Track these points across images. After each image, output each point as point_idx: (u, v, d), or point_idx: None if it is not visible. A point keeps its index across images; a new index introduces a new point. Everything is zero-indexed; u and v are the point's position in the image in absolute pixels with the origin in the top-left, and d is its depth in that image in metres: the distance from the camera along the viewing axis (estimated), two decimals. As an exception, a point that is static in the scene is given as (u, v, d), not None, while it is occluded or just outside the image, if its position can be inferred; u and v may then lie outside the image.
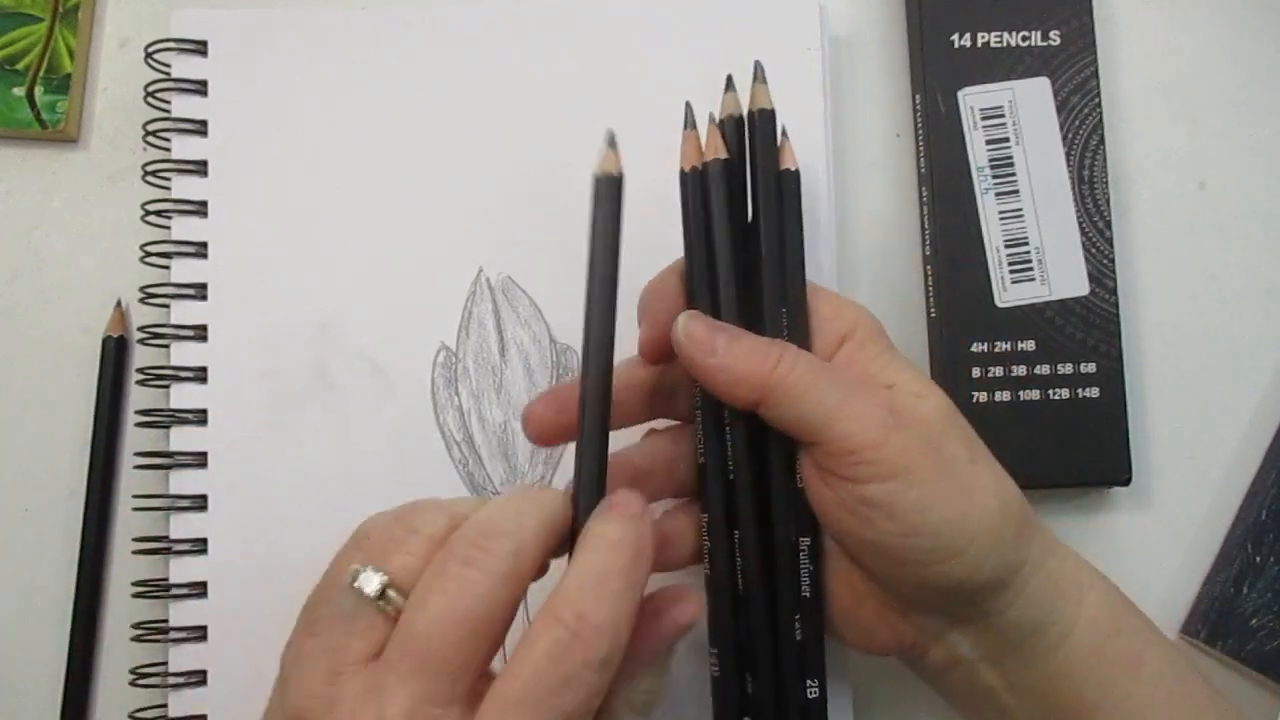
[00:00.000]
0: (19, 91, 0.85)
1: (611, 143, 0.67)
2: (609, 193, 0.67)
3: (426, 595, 0.56)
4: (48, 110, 0.85)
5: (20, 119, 0.85)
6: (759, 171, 0.70)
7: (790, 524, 0.68)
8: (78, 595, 0.81)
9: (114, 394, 0.83)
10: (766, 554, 0.68)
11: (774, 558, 0.68)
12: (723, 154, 0.69)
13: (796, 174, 0.70)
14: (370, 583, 0.58)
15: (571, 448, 0.72)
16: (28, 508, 0.83)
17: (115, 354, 0.83)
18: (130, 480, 0.83)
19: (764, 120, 0.70)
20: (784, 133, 0.69)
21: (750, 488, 0.68)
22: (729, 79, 0.72)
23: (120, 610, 0.82)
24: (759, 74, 0.71)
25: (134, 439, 0.83)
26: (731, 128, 0.71)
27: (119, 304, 0.84)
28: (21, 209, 0.86)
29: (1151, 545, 0.84)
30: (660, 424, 0.73)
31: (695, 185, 0.70)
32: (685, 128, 0.71)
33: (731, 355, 0.64)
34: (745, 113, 0.71)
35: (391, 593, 0.58)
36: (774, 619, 0.68)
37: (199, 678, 0.79)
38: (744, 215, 0.70)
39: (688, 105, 0.72)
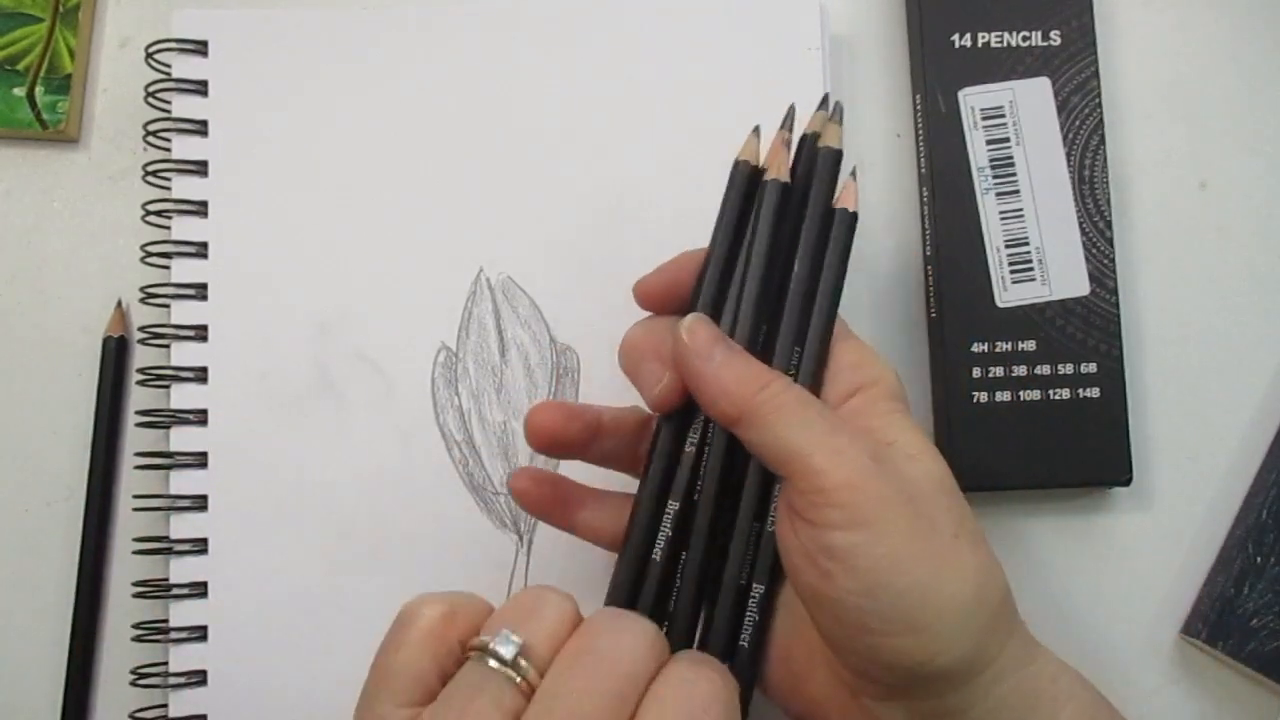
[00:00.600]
0: (19, 92, 0.85)
1: (756, 131, 0.67)
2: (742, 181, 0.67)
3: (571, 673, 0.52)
4: (48, 110, 0.85)
5: (21, 119, 0.85)
6: (812, 203, 0.67)
7: (746, 564, 0.65)
8: (78, 595, 0.81)
9: (114, 394, 0.83)
10: (708, 589, 0.65)
11: (717, 595, 0.65)
12: (784, 176, 0.67)
13: (854, 216, 0.67)
14: (506, 647, 0.52)
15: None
16: (28, 508, 0.83)
17: (115, 354, 0.83)
18: (130, 480, 0.83)
19: (828, 157, 0.67)
20: (854, 173, 0.67)
21: (710, 516, 0.65)
22: (825, 99, 0.71)
23: (120, 610, 0.81)
24: (837, 113, 0.69)
25: (134, 439, 0.83)
26: (802, 146, 0.69)
27: (119, 304, 0.84)
28: (22, 209, 0.86)
29: (1152, 545, 0.84)
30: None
31: (742, 183, 0.68)
32: (782, 128, 0.69)
33: (725, 367, 0.61)
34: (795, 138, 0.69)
35: (524, 662, 0.52)
36: None
37: (199, 678, 0.79)
38: (785, 239, 0.67)
39: (791, 107, 0.70)
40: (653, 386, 0.65)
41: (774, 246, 0.66)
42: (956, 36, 0.83)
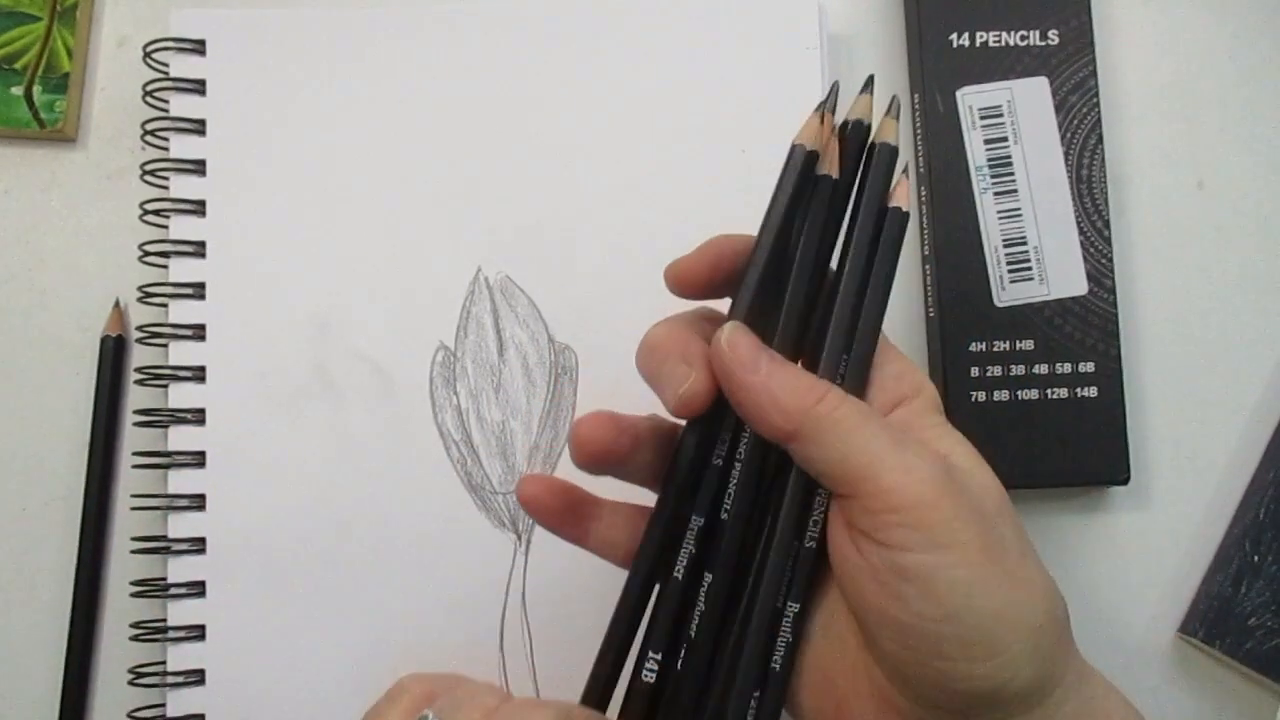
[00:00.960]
0: (17, 91, 0.85)
1: (819, 111, 0.61)
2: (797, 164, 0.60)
3: None
4: (46, 109, 0.85)
5: (18, 118, 0.85)
6: (866, 201, 0.61)
7: (784, 585, 0.59)
8: (76, 594, 0.81)
9: (112, 394, 0.83)
10: (738, 611, 0.60)
11: (749, 618, 0.59)
12: (834, 171, 0.61)
13: (906, 215, 0.61)
14: None
15: (567, 451, 0.71)
16: (26, 507, 0.83)
17: (114, 354, 0.83)
18: (129, 480, 0.83)
19: (885, 154, 0.61)
20: (906, 170, 0.62)
21: (740, 533, 0.60)
22: (870, 79, 0.65)
23: (119, 609, 0.82)
24: (894, 108, 0.63)
25: (132, 438, 0.83)
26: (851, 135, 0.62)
27: (117, 303, 0.84)
28: (20, 208, 0.86)
29: (1150, 544, 0.84)
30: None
31: (799, 172, 0.60)
32: (822, 108, 0.61)
33: (775, 377, 0.56)
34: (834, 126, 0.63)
35: None
36: (726, 688, 0.59)
37: (197, 677, 0.79)
38: (832, 238, 0.61)
39: (835, 84, 0.63)
40: (677, 388, 0.59)
41: (823, 247, 0.61)
42: (955, 36, 0.83)
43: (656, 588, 0.61)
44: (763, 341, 0.58)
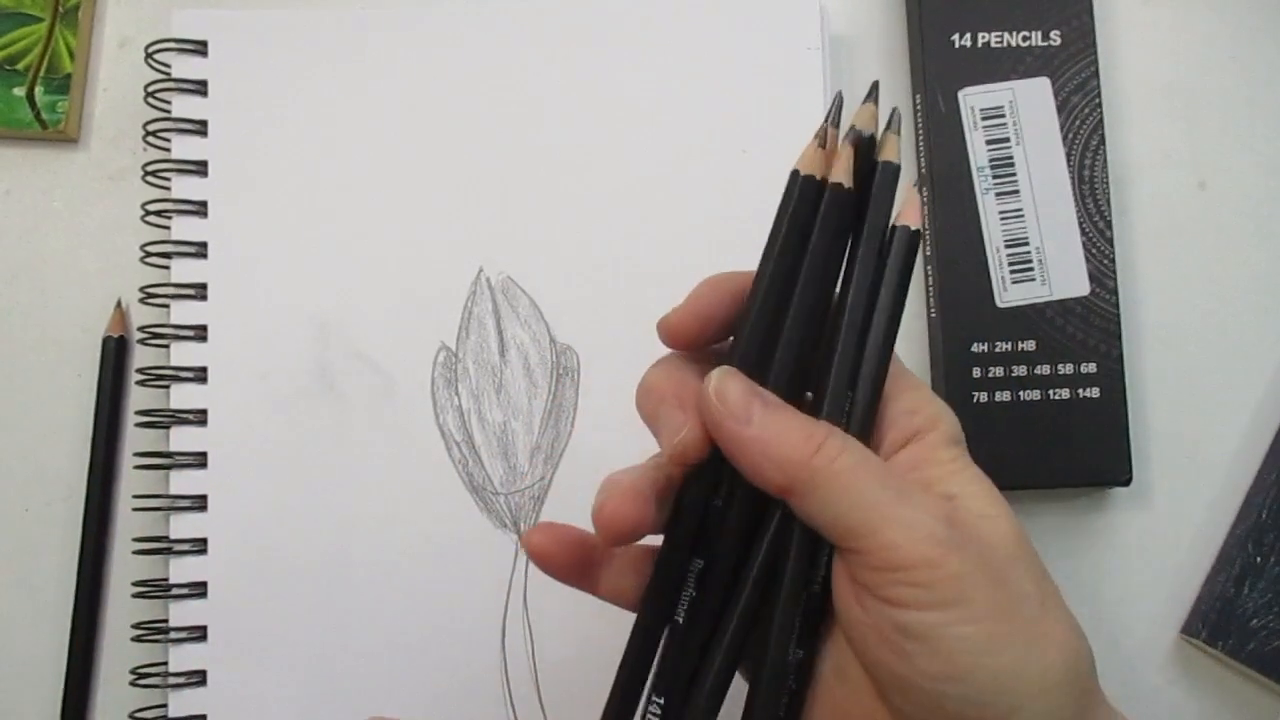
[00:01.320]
0: (19, 91, 0.85)
1: (819, 138, 0.56)
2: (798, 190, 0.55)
3: None
4: (48, 110, 0.85)
5: (20, 119, 0.85)
6: (869, 222, 0.56)
7: (794, 634, 0.55)
8: (78, 595, 0.81)
9: (114, 394, 0.83)
10: (742, 651, 0.56)
11: (758, 664, 0.56)
12: (847, 181, 0.55)
13: (917, 234, 0.56)
14: None
15: (569, 449, 0.72)
16: (28, 507, 0.83)
17: (115, 354, 0.83)
18: (130, 480, 0.83)
19: (887, 172, 0.56)
20: (919, 185, 0.60)
21: (739, 571, 0.56)
22: (874, 86, 0.58)
23: (120, 610, 0.81)
24: (895, 123, 0.57)
25: (134, 439, 0.83)
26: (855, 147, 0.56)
27: (119, 304, 0.84)
28: (21, 209, 0.86)
29: (1152, 545, 0.84)
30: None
31: (806, 195, 0.55)
32: (826, 122, 0.56)
33: (768, 428, 0.53)
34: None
35: None
36: None
37: (199, 678, 0.79)
38: (839, 264, 0.57)
39: (838, 95, 0.58)
40: (673, 437, 0.55)
41: (829, 272, 0.56)
42: (956, 36, 0.83)
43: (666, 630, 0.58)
44: (764, 380, 0.55)
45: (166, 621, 0.79)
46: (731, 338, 0.58)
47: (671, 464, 0.56)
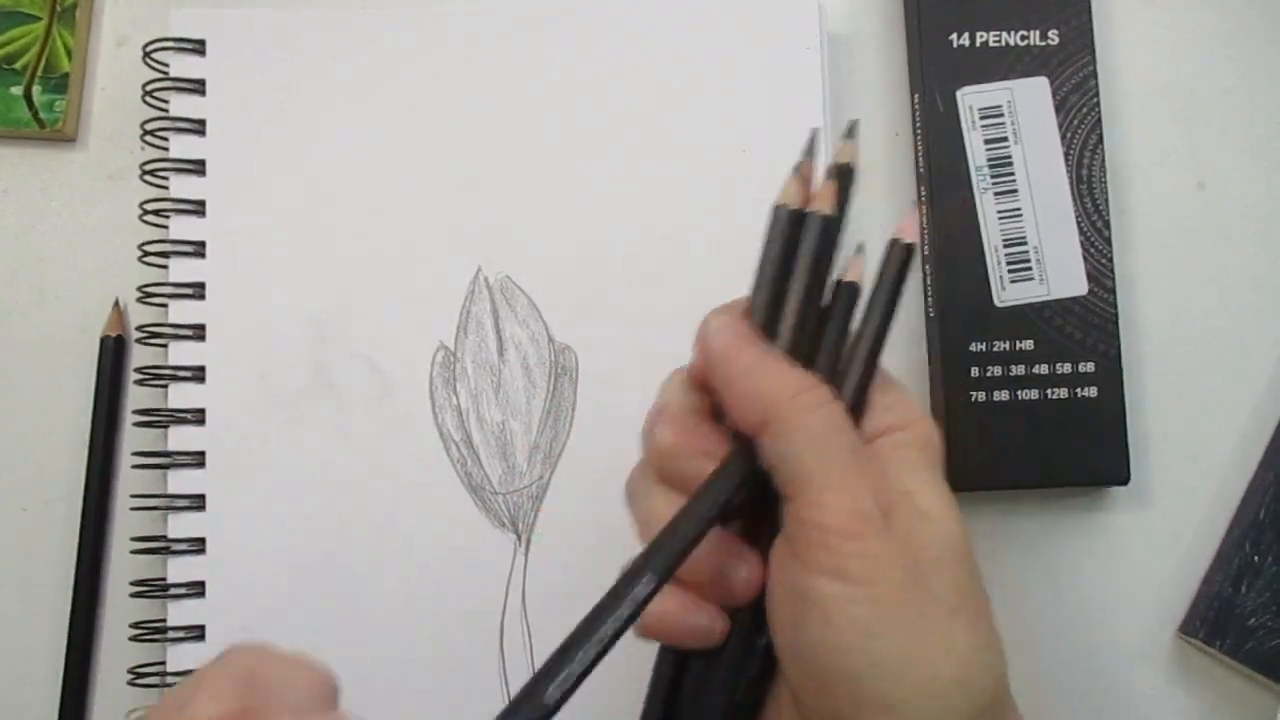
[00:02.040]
0: (17, 91, 0.85)
1: (797, 171, 0.59)
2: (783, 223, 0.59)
3: None
4: (46, 109, 0.85)
5: (18, 118, 0.85)
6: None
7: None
8: (76, 594, 0.81)
9: (112, 394, 0.82)
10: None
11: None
12: (830, 210, 0.59)
13: (910, 247, 0.60)
14: None
15: (568, 449, 0.72)
16: (25, 506, 0.83)
17: (113, 354, 0.83)
18: (128, 480, 0.82)
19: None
20: (921, 200, 0.63)
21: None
22: (852, 125, 0.61)
23: (118, 610, 0.81)
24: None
25: (132, 439, 0.82)
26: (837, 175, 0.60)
27: (117, 304, 0.84)
28: (20, 208, 0.86)
29: (1150, 545, 0.84)
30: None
31: (785, 226, 0.59)
32: (804, 157, 0.60)
33: (760, 365, 0.56)
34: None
35: None
36: None
37: (197, 678, 0.78)
38: (827, 272, 0.60)
39: (814, 132, 0.61)
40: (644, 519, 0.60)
41: (816, 274, 0.59)
42: (955, 36, 0.83)
43: None
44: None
45: (164, 621, 0.79)
46: None
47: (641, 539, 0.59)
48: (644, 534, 0.59)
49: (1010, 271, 0.81)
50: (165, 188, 0.83)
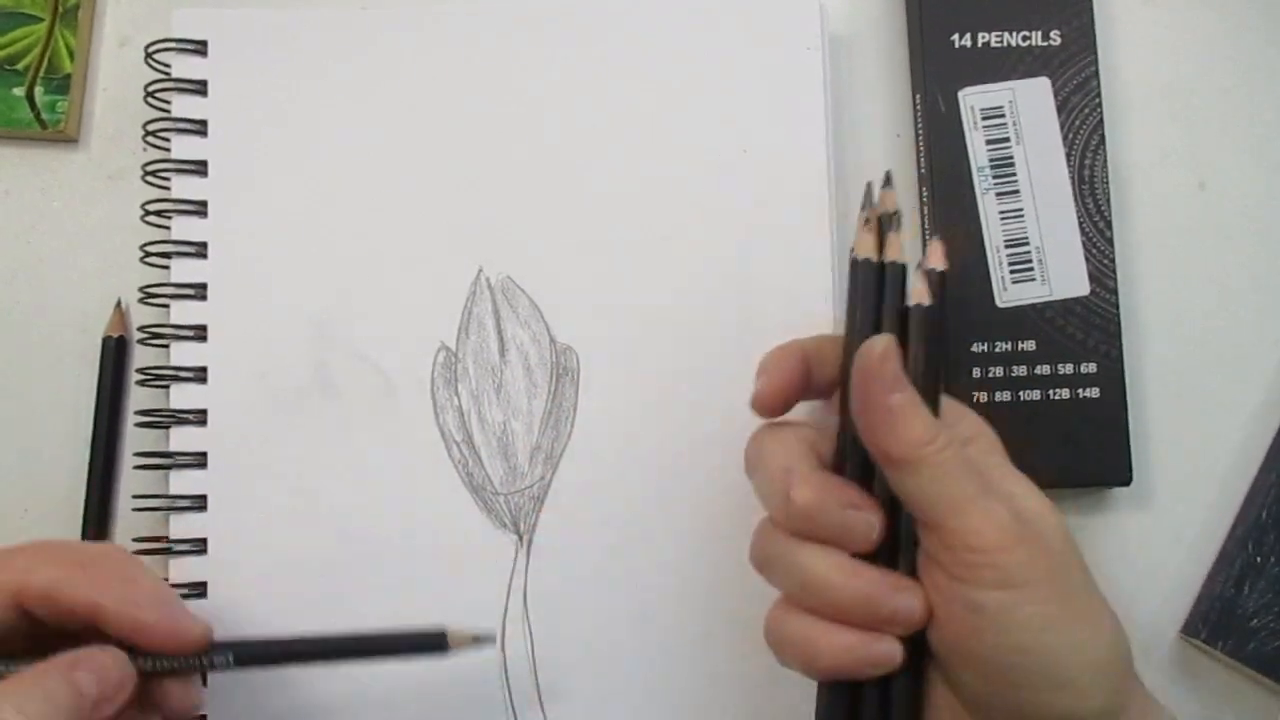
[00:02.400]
0: (19, 91, 0.84)
1: (867, 224, 0.68)
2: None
3: None
4: (48, 110, 0.84)
5: (20, 119, 0.84)
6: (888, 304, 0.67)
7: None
8: (77, 596, 0.80)
9: (114, 394, 0.82)
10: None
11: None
12: (904, 258, 0.67)
13: (922, 309, 0.66)
14: None
15: (569, 449, 0.73)
16: (27, 507, 0.83)
17: (115, 354, 0.82)
18: (130, 480, 0.82)
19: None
20: (940, 235, 0.68)
21: None
22: (888, 175, 0.69)
23: (120, 610, 0.81)
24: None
25: (134, 439, 0.82)
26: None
27: (119, 304, 0.84)
28: (21, 209, 0.85)
29: (1152, 545, 0.84)
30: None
31: (870, 279, 0.67)
32: (863, 209, 0.68)
33: (907, 408, 0.61)
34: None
35: None
36: None
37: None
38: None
39: (869, 186, 0.69)
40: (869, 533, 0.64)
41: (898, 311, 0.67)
42: (956, 36, 0.83)
43: None
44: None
45: (166, 621, 0.79)
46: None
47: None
48: (802, 596, 0.64)
49: (1012, 272, 0.81)
50: (167, 188, 0.82)
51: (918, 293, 0.65)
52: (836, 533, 0.63)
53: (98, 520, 0.81)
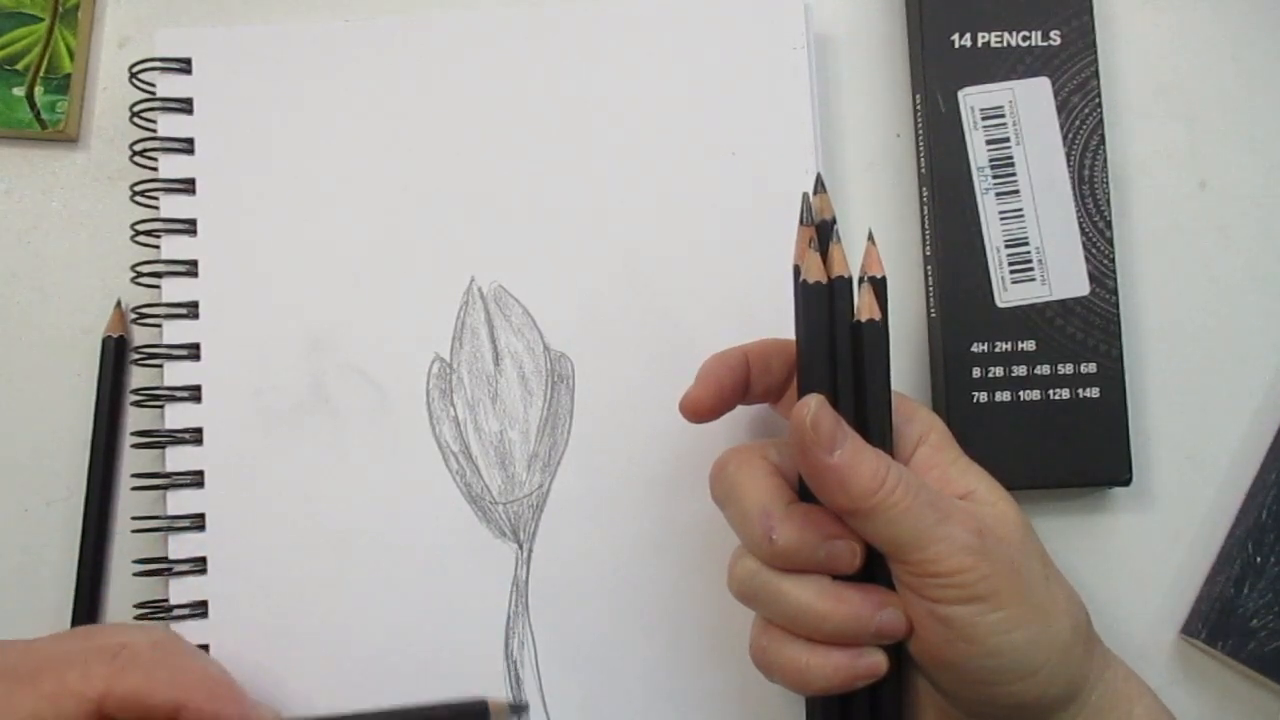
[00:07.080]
0: (19, 91, 0.83)
1: (813, 245, 0.66)
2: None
3: None
4: (47, 110, 0.83)
5: (20, 119, 0.83)
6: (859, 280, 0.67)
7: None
8: (77, 600, 0.79)
9: (113, 393, 0.81)
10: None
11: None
12: (848, 272, 0.66)
13: (874, 325, 0.65)
14: None
15: (567, 457, 0.75)
16: (27, 507, 0.81)
17: (115, 354, 0.81)
18: (128, 500, 0.80)
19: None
20: (871, 237, 0.68)
21: None
22: (819, 179, 0.69)
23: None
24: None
25: (131, 460, 0.81)
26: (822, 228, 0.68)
27: (118, 304, 0.82)
28: (21, 209, 0.84)
29: (1152, 545, 0.82)
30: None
31: (820, 299, 0.65)
32: (801, 223, 0.67)
33: (846, 461, 0.61)
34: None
35: None
36: None
37: (200, 696, 0.76)
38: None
39: (805, 197, 0.68)
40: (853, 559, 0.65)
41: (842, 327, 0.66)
42: (956, 36, 0.81)
43: None
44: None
45: (168, 638, 0.77)
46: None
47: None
48: (789, 624, 0.65)
49: (1012, 272, 0.79)
50: (156, 208, 0.80)
51: (867, 307, 0.65)
52: (820, 564, 0.64)
53: (98, 520, 0.79)
